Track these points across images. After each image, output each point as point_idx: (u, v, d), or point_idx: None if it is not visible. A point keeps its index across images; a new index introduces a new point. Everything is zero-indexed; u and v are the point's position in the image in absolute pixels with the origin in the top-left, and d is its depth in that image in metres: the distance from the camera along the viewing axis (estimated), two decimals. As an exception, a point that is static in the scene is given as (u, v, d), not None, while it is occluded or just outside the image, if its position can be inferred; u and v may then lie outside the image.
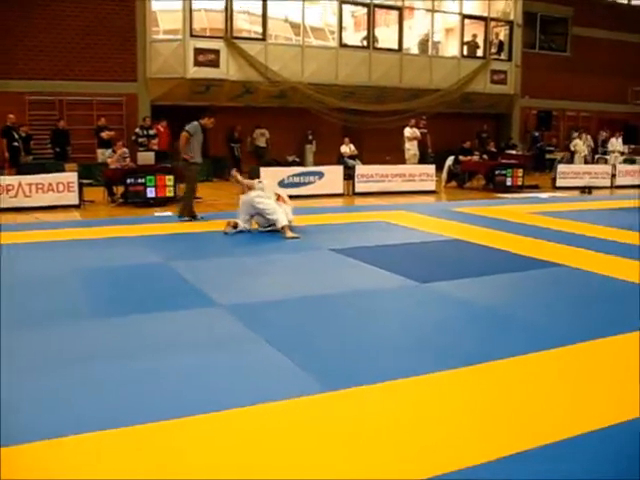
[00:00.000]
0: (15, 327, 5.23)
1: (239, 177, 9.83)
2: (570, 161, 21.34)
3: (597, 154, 23.62)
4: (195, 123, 10.93)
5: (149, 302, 6.06)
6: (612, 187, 19.03)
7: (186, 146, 10.79)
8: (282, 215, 9.54)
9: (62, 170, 13.78)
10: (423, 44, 22.96)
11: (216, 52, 19.14)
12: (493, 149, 18.76)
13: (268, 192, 9.75)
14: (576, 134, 22.97)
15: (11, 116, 15.19)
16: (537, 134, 24.15)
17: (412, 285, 6.83)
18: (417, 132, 18.10)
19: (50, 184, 12.74)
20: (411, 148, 18.07)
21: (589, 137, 24.05)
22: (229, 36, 19.26)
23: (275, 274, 7.57)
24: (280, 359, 4.61)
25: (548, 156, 23.34)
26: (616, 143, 22.79)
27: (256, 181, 9.93)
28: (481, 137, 21.75)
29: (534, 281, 7.26)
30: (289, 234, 9.40)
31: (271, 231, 9.66)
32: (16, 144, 14.92)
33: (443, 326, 5.51)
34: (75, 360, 4.56)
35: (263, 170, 14.60)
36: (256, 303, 6.06)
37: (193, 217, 11.02)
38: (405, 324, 5.60)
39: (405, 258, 8.30)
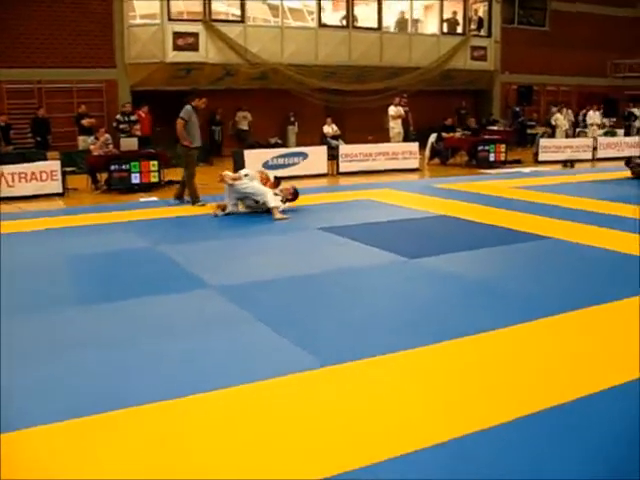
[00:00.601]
0: (4, 315, 5.23)
1: (229, 178, 9.78)
2: (552, 135, 21.44)
3: (578, 128, 23.72)
4: (188, 107, 10.85)
5: (139, 286, 6.07)
6: (594, 160, 19.16)
7: (183, 132, 10.72)
8: (271, 196, 9.57)
9: (44, 159, 13.66)
10: (402, 22, 22.89)
11: (195, 35, 18.98)
12: (474, 125, 18.77)
13: (254, 181, 9.76)
14: (555, 109, 23.06)
15: (-11, 106, 15.03)
16: (518, 109, 24.21)
17: (401, 261, 6.89)
18: (401, 110, 18.09)
19: (33, 173, 12.63)
20: (395, 126, 18.06)
21: (570, 111, 24.15)
22: (208, 19, 19.10)
23: (265, 255, 7.59)
24: (274, 337, 4.65)
25: (530, 131, 23.42)
26: (594, 116, 22.87)
27: (242, 174, 9.92)
28: (460, 113, 21.78)
29: (521, 253, 7.35)
30: (278, 215, 9.42)
31: (259, 213, 9.67)
32: (-5, 134, 14.77)
33: (434, 300, 5.58)
34: (66, 347, 4.58)
35: (246, 152, 14.58)
36: (247, 284, 6.10)
37: (182, 200, 11.00)
38: (396, 299, 5.65)
39: (393, 235, 8.35)
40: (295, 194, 10.20)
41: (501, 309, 5.24)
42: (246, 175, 9.87)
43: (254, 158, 14.22)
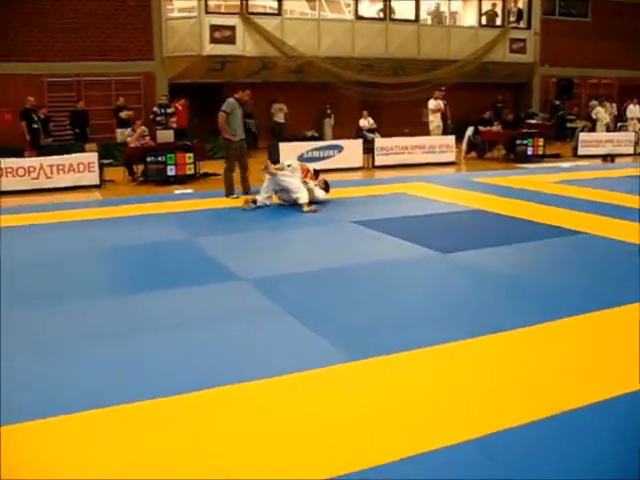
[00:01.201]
0: (35, 304, 5.32)
1: (272, 168, 9.82)
2: (592, 129, 21.05)
3: (619, 122, 23.25)
4: (231, 100, 10.84)
5: (171, 278, 6.10)
6: (635, 154, 18.76)
7: (225, 125, 10.74)
8: (305, 193, 9.59)
9: (82, 151, 13.86)
10: (439, 14, 22.67)
11: (232, 28, 19.06)
12: (511, 119, 18.51)
13: (296, 173, 9.78)
14: (596, 102, 22.62)
15: (30, 98, 15.22)
16: (558, 103, 23.80)
17: (435, 255, 6.82)
18: (441, 104, 17.92)
19: (71, 165, 12.80)
20: (434, 120, 17.89)
21: (613, 105, 23.65)
22: (245, 12, 19.15)
23: (297, 247, 7.58)
24: (303, 330, 4.63)
25: (569, 125, 23.01)
26: (635, 110, 22.38)
27: (285, 165, 9.93)
28: (497, 107, 21.49)
29: (557, 249, 7.22)
30: (306, 208, 9.41)
31: (291, 205, 9.67)
32: (35, 126, 14.96)
33: (467, 295, 5.51)
34: (101, 335, 4.62)
35: (282, 145, 14.58)
36: (279, 276, 6.08)
37: (247, 191, 10.94)
38: (428, 294, 5.59)
39: (427, 229, 8.27)
40: (326, 186, 10.20)
41: (532, 306, 5.14)
42: (289, 166, 9.87)
43: (289, 151, 14.21)
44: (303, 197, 9.52)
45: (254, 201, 9.78)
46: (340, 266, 6.44)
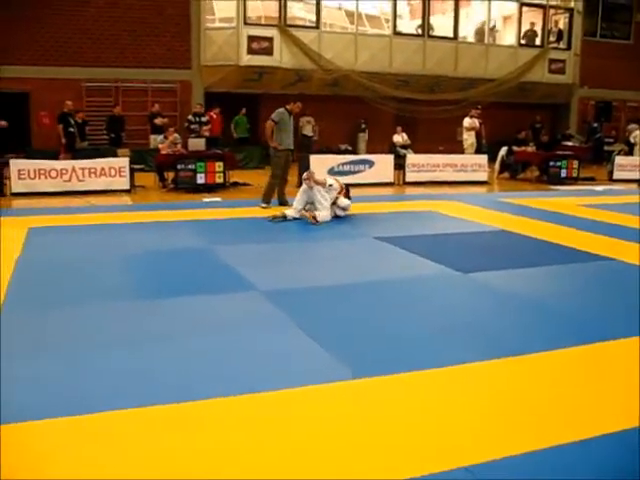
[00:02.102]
0: (55, 307, 5.37)
1: (315, 178, 9.90)
2: (629, 153, 20.71)
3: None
4: (281, 110, 10.93)
5: (190, 285, 6.11)
6: (673, 181, 18.40)
7: (273, 134, 10.82)
8: (327, 214, 9.68)
9: (115, 155, 14.02)
10: (480, 32, 22.58)
11: (270, 40, 19.19)
12: (545, 140, 18.31)
13: (333, 193, 9.87)
14: (635, 125, 22.24)
15: (68, 102, 15.48)
16: (595, 125, 23.51)
17: (455, 275, 6.73)
18: (476, 122, 17.82)
19: (103, 169, 12.98)
20: (469, 138, 17.79)
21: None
22: (283, 24, 19.27)
23: (317, 261, 7.55)
24: (312, 345, 4.59)
25: (606, 148, 22.69)
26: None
27: (328, 183, 9.98)
28: (535, 128, 21.30)
29: (582, 274, 7.08)
30: (314, 220, 9.53)
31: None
32: (72, 130, 15.19)
33: (483, 317, 5.42)
34: (117, 340, 4.64)
35: (312, 158, 14.58)
36: (296, 289, 6.06)
37: (282, 203, 10.97)
38: (444, 314, 5.51)
39: (450, 248, 8.19)
40: (347, 191, 10.25)
41: (547, 331, 5.04)
42: (330, 185, 9.91)
43: (320, 164, 14.21)
44: (324, 216, 9.55)
45: (284, 216, 9.77)
46: (357, 282, 6.39)
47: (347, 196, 10.19)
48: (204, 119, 16.97)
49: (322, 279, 6.47)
